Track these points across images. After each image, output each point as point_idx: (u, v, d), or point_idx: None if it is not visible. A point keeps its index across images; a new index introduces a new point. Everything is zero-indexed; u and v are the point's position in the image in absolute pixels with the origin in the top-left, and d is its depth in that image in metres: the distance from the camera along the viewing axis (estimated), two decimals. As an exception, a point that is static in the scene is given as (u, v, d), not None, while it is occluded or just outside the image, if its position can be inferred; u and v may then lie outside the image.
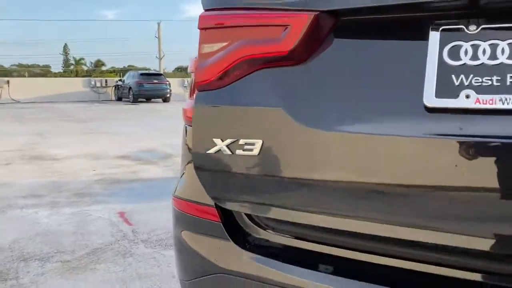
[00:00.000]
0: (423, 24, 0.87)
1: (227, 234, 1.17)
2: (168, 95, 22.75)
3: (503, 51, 0.79)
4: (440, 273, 0.92)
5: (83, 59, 70.31)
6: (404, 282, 0.96)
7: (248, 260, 1.13)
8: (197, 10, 1.20)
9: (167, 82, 22.97)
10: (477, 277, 0.88)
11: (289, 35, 0.96)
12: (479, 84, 0.79)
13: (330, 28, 0.96)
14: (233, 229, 1.18)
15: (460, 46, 0.82)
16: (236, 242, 1.15)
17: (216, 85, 1.07)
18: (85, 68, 67.57)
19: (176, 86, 25.81)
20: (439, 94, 0.82)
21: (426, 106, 0.82)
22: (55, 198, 4.19)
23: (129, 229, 3.34)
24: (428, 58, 0.84)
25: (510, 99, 0.76)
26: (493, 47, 0.80)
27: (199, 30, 1.12)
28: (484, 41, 0.81)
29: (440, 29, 0.85)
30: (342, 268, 1.03)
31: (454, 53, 0.83)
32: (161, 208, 3.87)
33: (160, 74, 24.95)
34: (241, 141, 1.00)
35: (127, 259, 2.79)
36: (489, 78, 0.79)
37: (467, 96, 0.79)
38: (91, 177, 5.09)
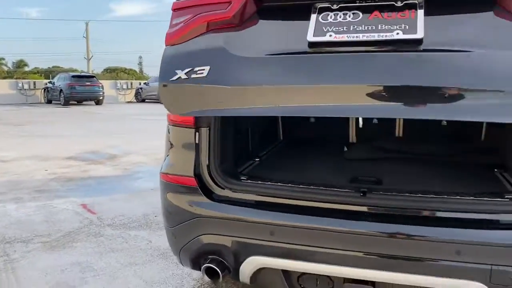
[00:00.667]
0: (309, 6, 1.64)
1: (202, 193, 1.87)
2: (101, 98, 22.61)
3: (349, 16, 1.58)
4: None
5: (3, 59, 66.31)
6: (313, 210, 1.72)
7: (215, 207, 1.84)
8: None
9: (100, 85, 22.80)
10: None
11: (231, 7, 1.71)
12: (336, 29, 1.57)
13: (256, 8, 1.71)
14: (204, 190, 1.88)
15: (327, 14, 1.61)
16: (207, 197, 1.86)
17: (180, 41, 1.76)
18: (5, 68, 63.77)
19: (108, 88, 25.58)
20: (315, 34, 1.59)
21: (309, 41, 1.59)
22: (17, 195, 4.59)
23: (94, 217, 3.89)
24: (310, 20, 1.62)
25: (351, 36, 1.54)
26: (344, 14, 1.59)
27: (172, 11, 1.82)
28: (340, 11, 1.60)
29: (318, 6, 1.63)
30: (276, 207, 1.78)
31: (324, 16, 1.61)
32: (119, 200, 4.43)
33: (93, 76, 24.62)
34: (195, 69, 1.68)
35: (99, 239, 3.36)
36: (341, 27, 1.57)
37: (330, 35, 1.56)
38: (45, 176, 5.48)
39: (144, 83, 27.96)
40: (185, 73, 1.68)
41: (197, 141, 1.92)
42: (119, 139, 9.08)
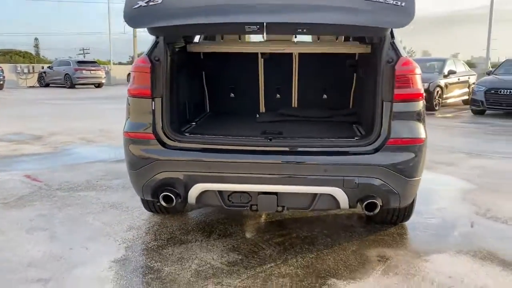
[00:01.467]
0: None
1: (158, 144, 2.67)
2: (1, 82, 21.49)
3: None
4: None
5: None
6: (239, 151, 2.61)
7: (168, 153, 2.65)
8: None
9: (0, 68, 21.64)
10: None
11: None
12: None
13: None
14: (160, 141, 2.69)
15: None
16: (162, 146, 2.67)
17: None
18: None
19: (7, 72, 24.26)
20: None
21: None
22: (-43, 170, 4.93)
23: (41, 184, 4.44)
24: None
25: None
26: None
27: None
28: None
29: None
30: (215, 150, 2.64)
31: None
32: (59, 171, 4.98)
33: (-10, 60, 23.17)
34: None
35: (53, 199, 3.97)
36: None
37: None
38: (-23, 154, 5.77)
39: (48, 67, 26.75)
40: (145, 3, 2.51)
41: (153, 108, 2.70)
42: (38, 122, 9.25)
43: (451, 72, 13.08)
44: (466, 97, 13.93)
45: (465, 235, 3.20)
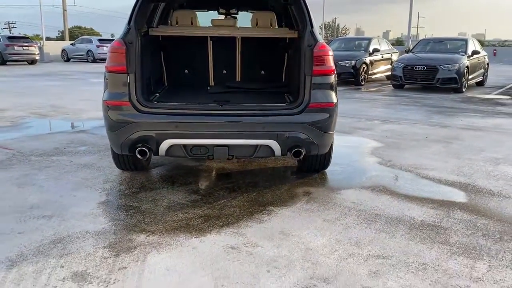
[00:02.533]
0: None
1: (133, 109, 3.41)
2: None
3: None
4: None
5: None
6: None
7: (141, 116, 3.41)
8: None
9: None
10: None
11: None
12: None
13: None
14: (134, 107, 3.42)
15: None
16: (136, 111, 3.41)
17: None
18: None
19: None
20: None
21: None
22: None
23: (14, 151, 4.97)
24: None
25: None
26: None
27: None
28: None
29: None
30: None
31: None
32: (26, 141, 5.51)
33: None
34: None
35: (29, 162, 4.56)
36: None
37: None
38: None
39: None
40: None
41: (128, 82, 3.42)
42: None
43: (376, 50, 14.43)
44: (389, 73, 15.37)
45: (369, 178, 4.23)
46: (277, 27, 4.77)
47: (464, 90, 12.00)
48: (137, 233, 2.92)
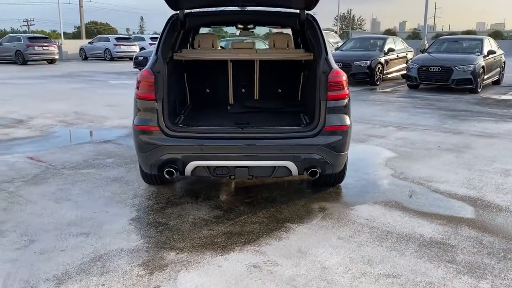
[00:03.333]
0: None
1: (162, 133, 3.69)
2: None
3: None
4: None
5: None
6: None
7: (169, 140, 3.69)
8: None
9: None
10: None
11: None
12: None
13: None
14: (163, 131, 3.70)
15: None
16: (164, 135, 3.69)
17: None
18: None
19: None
20: None
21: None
22: (-35, 155, 5.68)
23: (46, 164, 5.32)
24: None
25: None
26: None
27: None
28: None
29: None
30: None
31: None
32: (56, 153, 5.85)
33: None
34: None
35: (62, 176, 4.89)
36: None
37: None
38: (-26, 139, 6.48)
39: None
40: None
41: (157, 108, 3.70)
42: (11, 105, 9.83)
43: (391, 50, 14.51)
44: (404, 71, 15.44)
45: (381, 192, 4.45)
46: (293, 46, 4.99)
47: (479, 90, 12.06)
48: (167, 250, 3.21)
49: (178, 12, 4.06)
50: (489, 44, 13.27)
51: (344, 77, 3.80)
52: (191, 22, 4.16)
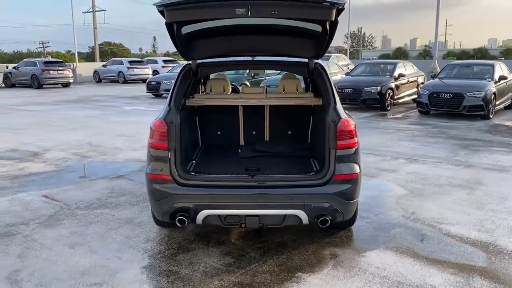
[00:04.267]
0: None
1: (174, 182, 3.76)
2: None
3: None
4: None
5: None
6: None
7: (181, 189, 3.75)
8: None
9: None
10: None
11: None
12: None
13: None
14: (175, 180, 3.77)
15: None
16: (177, 184, 3.76)
17: None
18: None
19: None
20: None
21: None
22: (-18, 193, 5.81)
23: (61, 204, 5.41)
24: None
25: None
26: None
27: None
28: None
29: None
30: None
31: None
32: (70, 190, 5.95)
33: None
34: None
35: (76, 217, 4.97)
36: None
37: None
38: (-9, 175, 6.63)
39: (14, 68, 26.93)
40: None
41: (169, 157, 3.77)
42: (26, 136, 10.05)
43: (401, 75, 14.56)
44: (415, 96, 15.46)
45: (392, 236, 4.44)
46: (303, 87, 5.06)
47: (491, 116, 12.01)
48: (179, 303, 3.24)
49: (190, 62, 4.17)
50: (500, 69, 13.24)
51: (352, 125, 3.85)
52: (203, 71, 4.26)
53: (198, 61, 4.21)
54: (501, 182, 6.21)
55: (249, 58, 4.33)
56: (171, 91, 4.01)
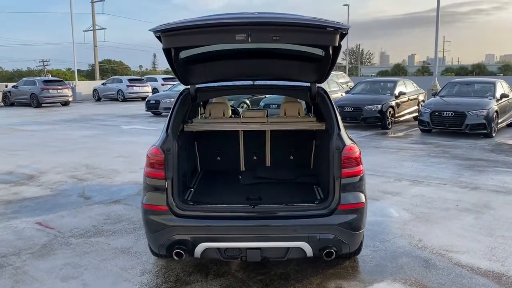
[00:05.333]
0: None
1: (171, 213, 3.58)
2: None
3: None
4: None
5: None
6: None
7: (178, 221, 3.57)
8: None
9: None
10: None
11: None
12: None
13: None
14: (172, 211, 3.59)
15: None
16: (174, 215, 3.58)
17: None
18: None
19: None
20: None
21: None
22: (-26, 220, 5.62)
23: (55, 231, 5.22)
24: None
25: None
26: None
27: None
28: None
29: None
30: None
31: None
32: (66, 216, 5.76)
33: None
34: None
35: (70, 246, 4.78)
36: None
37: None
38: (-16, 201, 6.44)
39: (13, 87, 26.92)
40: None
41: (166, 187, 3.61)
42: (22, 157, 9.88)
43: (401, 94, 14.47)
44: (416, 114, 15.37)
45: (400, 266, 4.25)
46: (305, 110, 4.92)
47: (494, 134, 11.87)
48: None
49: (189, 86, 4.04)
50: (502, 87, 13.16)
51: (357, 152, 3.69)
52: (202, 96, 4.13)
53: (197, 86, 4.08)
54: (510, 206, 6.03)
55: (250, 82, 4.20)
56: (168, 116, 3.86)
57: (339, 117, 3.83)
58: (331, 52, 3.47)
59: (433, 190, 6.85)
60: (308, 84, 4.04)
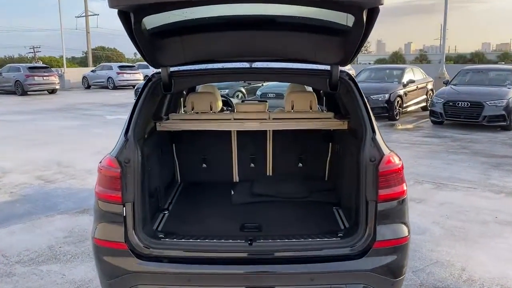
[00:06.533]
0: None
1: (131, 253, 2.47)
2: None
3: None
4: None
5: None
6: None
7: (142, 263, 2.46)
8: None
9: None
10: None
11: None
12: None
13: None
14: (133, 250, 2.49)
15: None
16: (136, 256, 2.47)
17: None
18: None
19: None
20: None
21: None
22: None
23: (-2, 255, 4.12)
24: None
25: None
26: None
27: None
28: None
29: None
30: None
31: None
32: (18, 232, 4.66)
33: None
34: None
35: (13, 278, 3.68)
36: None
37: None
38: None
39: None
40: None
41: (124, 214, 2.50)
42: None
43: (410, 81, 13.37)
44: (424, 104, 14.28)
45: (445, 310, 3.19)
46: (317, 103, 3.80)
47: (513, 127, 10.82)
48: None
49: (160, 70, 2.89)
50: (521, 74, 12.07)
51: (400, 165, 2.60)
52: (179, 84, 2.96)
53: (172, 69, 2.92)
54: (560, 217, 4.98)
55: (246, 65, 3.04)
56: (129, 113, 2.74)
57: (372, 115, 2.71)
58: (365, 19, 2.32)
59: (462, 196, 5.78)
60: (328, 68, 2.88)
